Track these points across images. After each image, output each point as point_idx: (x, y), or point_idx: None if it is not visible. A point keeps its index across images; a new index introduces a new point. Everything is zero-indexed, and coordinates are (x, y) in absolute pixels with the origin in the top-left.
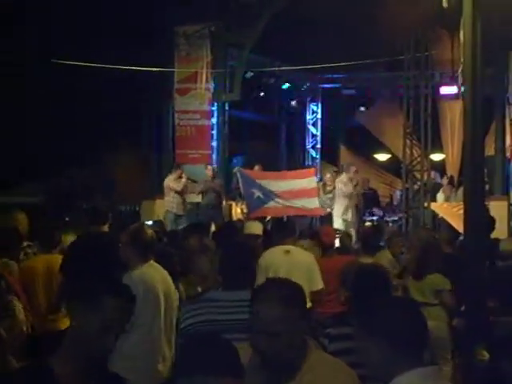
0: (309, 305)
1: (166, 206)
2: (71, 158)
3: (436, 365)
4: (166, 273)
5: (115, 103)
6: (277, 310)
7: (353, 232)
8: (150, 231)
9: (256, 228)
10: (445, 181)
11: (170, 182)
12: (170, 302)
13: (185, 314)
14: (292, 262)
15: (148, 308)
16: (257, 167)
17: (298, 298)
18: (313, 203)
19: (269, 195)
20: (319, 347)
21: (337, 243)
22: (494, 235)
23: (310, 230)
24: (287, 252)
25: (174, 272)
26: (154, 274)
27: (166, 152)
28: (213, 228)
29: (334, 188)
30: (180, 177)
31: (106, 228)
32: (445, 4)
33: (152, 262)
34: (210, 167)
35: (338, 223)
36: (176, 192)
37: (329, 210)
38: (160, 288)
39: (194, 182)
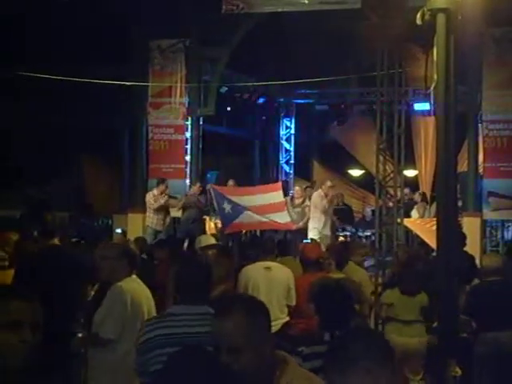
0: (286, 319)
1: (146, 221)
2: (45, 171)
3: None
4: (146, 287)
5: (89, 116)
6: (238, 325)
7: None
8: (133, 246)
9: (206, 239)
10: (417, 197)
11: (149, 197)
12: (151, 314)
13: (145, 328)
14: (272, 278)
15: (136, 320)
16: (231, 182)
17: (260, 312)
18: (283, 217)
19: (239, 210)
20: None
21: None
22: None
23: (290, 245)
24: (268, 268)
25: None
26: (138, 288)
27: (140, 166)
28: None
29: (303, 202)
30: (162, 192)
31: (56, 241)
32: (418, 21)
33: (135, 276)
34: (198, 184)
35: (315, 237)
36: (154, 210)
37: (300, 224)
38: (144, 302)
39: (171, 197)
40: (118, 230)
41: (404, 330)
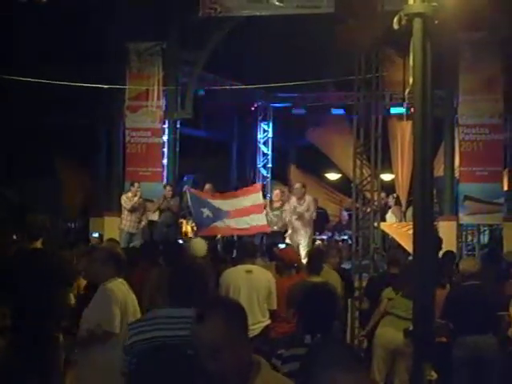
0: (267, 322)
1: (121, 224)
2: (20, 172)
3: None
4: (129, 288)
5: (67, 119)
6: (216, 326)
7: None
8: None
9: (200, 248)
10: (392, 201)
11: (122, 199)
12: (137, 315)
13: (130, 331)
14: (253, 281)
15: (125, 320)
16: (207, 186)
17: (238, 314)
18: (259, 219)
19: (218, 214)
20: (269, 365)
21: None
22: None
23: (269, 249)
24: (249, 272)
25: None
26: (125, 290)
27: (116, 169)
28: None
29: (281, 206)
30: (135, 195)
31: (38, 244)
32: (395, 26)
33: (119, 278)
34: (168, 187)
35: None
36: (128, 210)
37: (275, 227)
38: (130, 303)
39: (150, 200)
40: (95, 235)
41: (399, 324)
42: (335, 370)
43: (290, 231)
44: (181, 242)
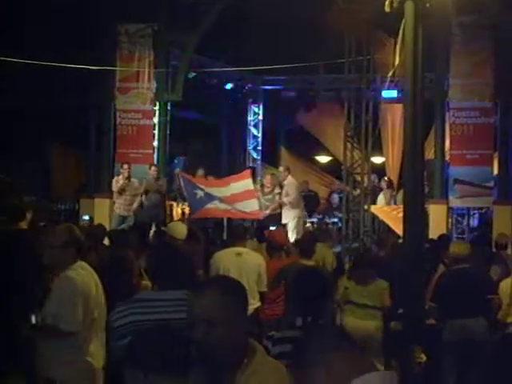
0: (258, 304)
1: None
2: (9, 153)
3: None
4: (94, 272)
5: (56, 100)
6: (215, 298)
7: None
8: (77, 230)
9: (179, 230)
10: (384, 184)
11: (113, 182)
12: (100, 300)
13: (115, 315)
14: (243, 264)
15: (87, 308)
16: (200, 171)
17: (237, 291)
18: (251, 205)
19: (211, 197)
20: (264, 351)
21: None
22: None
23: (258, 231)
24: (239, 254)
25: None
26: (86, 274)
27: (107, 151)
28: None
29: (273, 190)
30: (126, 177)
31: (23, 225)
32: (387, 9)
33: (81, 262)
34: (154, 167)
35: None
36: (117, 192)
37: (267, 211)
38: (93, 287)
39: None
40: (86, 217)
41: (358, 312)
42: (330, 353)
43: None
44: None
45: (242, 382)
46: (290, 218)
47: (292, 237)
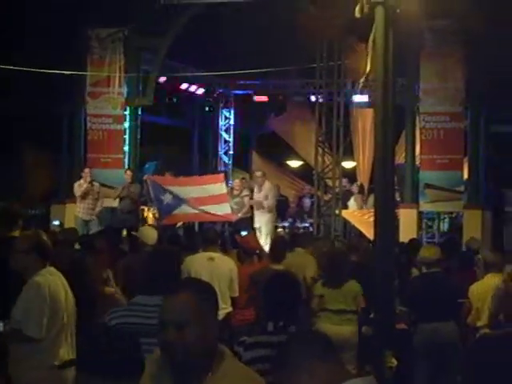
0: (229, 309)
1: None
2: None
3: (370, 375)
4: (62, 277)
5: (27, 105)
6: (186, 300)
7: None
8: (45, 236)
9: (150, 235)
10: (355, 188)
11: (74, 187)
12: (69, 306)
13: (110, 315)
14: (215, 268)
15: (56, 313)
16: (167, 174)
17: (208, 294)
18: (223, 209)
19: (178, 202)
20: (233, 355)
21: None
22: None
23: (231, 236)
24: (211, 259)
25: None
26: (55, 280)
27: (78, 155)
28: (124, 233)
29: (241, 193)
30: (89, 182)
31: (17, 233)
32: (357, 14)
33: (50, 267)
34: (129, 171)
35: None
36: (80, 196)
37: (239, 214)
38: (62, 293)
39: (109, 187)
40: (56, 222)
41: (334, 318)
42: (312, 360)
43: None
44: None
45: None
46: (263, 222)
47: (266, 242)
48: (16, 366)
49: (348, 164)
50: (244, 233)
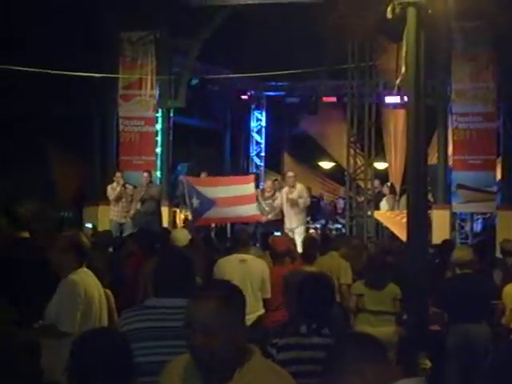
0: (261, 312)
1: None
2: (11, 161)
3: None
4: (96, 279)
5: (60, 108)
6: (213, 307)
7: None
8: (85, 238)
9: (182, 237)
10: (386, 189)
11: (107, 190)
12: (103, 308)
13: (122, 321)
14: (247, 270)
15: (90, 312)
16: (203, 174)
17: (237, 298)
18: (250, 210)
19: (206, 204)
20: (265, 356)
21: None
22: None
23: (262, 238)
24: (243, 261)
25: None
26: (89, 280)
27: (110, 158)
28: None
29: (273, 194)
30: (122, 185)
31: (26, 234)
32: (389, 15)
33: (85, 268)
34: (145, 173)
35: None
36: (114, 200)
37: (269, 216)
38: (96, 294)
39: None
40: (88, 225)
41: (372, 320)
42: (363, 362)
43: (285, 219)
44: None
45: (237, 379)
46: (299, 222)
47: (299, 243)
48: (49, 362)
49: (380, 165)
50: (277, 234)
